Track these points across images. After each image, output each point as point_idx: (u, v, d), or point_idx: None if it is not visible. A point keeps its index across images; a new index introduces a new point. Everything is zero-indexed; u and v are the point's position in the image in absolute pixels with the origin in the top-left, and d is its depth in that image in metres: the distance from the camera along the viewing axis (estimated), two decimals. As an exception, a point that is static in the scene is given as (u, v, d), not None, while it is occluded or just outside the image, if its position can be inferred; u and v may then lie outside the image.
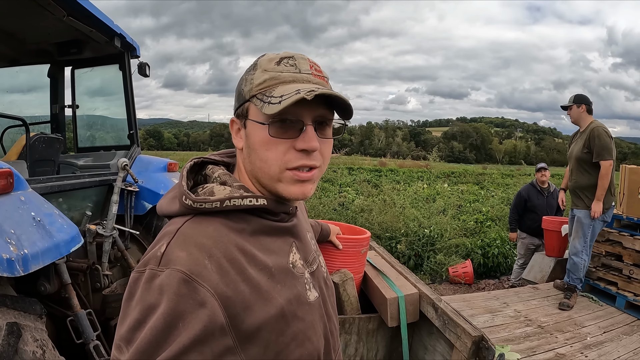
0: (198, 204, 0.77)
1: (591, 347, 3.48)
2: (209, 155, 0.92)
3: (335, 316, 0.99)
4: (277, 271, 0.80)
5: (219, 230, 0.76)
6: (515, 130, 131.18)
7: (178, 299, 0.64)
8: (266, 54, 0.84)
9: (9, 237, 1.66)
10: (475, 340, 1.78)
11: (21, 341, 1.64)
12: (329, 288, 0.99)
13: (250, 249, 0.77)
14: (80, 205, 3.01)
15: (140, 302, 0.66)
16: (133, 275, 0.71)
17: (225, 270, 0.71)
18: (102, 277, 2.69)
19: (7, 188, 1.85)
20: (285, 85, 0.77)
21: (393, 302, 2.13)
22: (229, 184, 0.83)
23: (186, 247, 0.71)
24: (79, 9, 2.78)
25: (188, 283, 0.66)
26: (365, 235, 2.26)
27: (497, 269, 6.85)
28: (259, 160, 0.80)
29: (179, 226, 0.76)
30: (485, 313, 4.12)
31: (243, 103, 0.82)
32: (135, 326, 0.64)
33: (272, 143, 0.78)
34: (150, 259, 0.71)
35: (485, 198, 13.61)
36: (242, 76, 0.85)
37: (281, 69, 0.79)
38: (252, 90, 0.80)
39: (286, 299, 0.78)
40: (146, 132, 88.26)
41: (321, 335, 0.86)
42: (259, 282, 0.75)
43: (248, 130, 0.82)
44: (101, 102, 4.14)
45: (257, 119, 0.79)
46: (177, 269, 0.67)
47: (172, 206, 0.81)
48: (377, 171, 23.88)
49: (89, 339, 2.21)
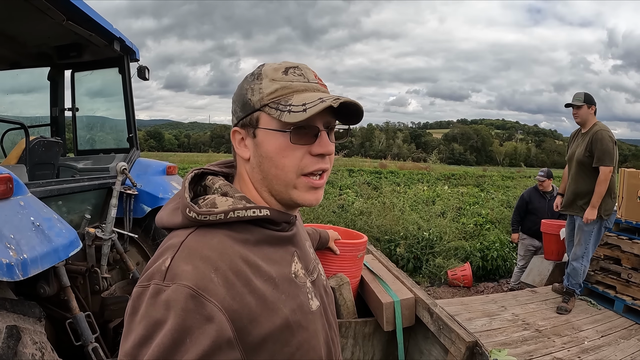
0: (202, 216, 0.77)
1: (588, 351, 3.47)
2: (207, 166, 0.92)
3: (335, 324, 0.99)
4: (281, 281, 0.80)
5: (223, 242, 0.76)
6: (515, 132, 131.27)
7: (185, 314, 0.64)
8: (266, 64, 0.84)
9: (9, 242, 1.68)
10: (469, 345, 1.80)
11: (20, 344, 1.66)
12: (328, 296, 1.00)
13: (254, 260, 0.77)
14: (80, 209, 3.03)
15: (146, 318, 0.65)
16: (136, 289, 0.70)
17: (232, 282, 0.71)
18: (101, 279, 2.71)
19: (6, 193, 1.87)
20: (301, 94, 0.79)
21: (389, 306, 2.15)
22: (230, 194, 0.83)
23: (192, 261, 0.70)
24: (79, 13, 2.80)
25: (195, 298, 0.65)
26: (362, 240, 2.28)
27: (496, 272, 6.85)
28: (274, 168, 0.81)
29: (183, 239, 0.75)
30: (483, 317, 4.12)
31: (251, 113, 0.82)
32: (141, 342, 0.63)
33: (290, 149, 0.79)
34: (154, 274, 0.70)
35: (485, 200, 13.61)
36: (242, 86, 0.85)
37: (290, 78, 0.81)
38: (263, 99, 0.80)
39: (290, 309, 0.78)
40: (147, 133, 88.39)
41: (324, 344, 0.87)
42: (264, 293, 0.75)
43: (259, 139, 0.82)
44: (101, 104, 4.16)
45: (272, 127, 0.80)
46: (183, 284, 0.66)
47: (174, 218, 0.81)
48: (377, 173, 23.87)
49: (88, 341, 2.23)
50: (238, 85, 0.87)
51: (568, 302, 4.34)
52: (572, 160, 4.28)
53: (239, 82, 0.87)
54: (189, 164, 24.97)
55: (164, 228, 0.84)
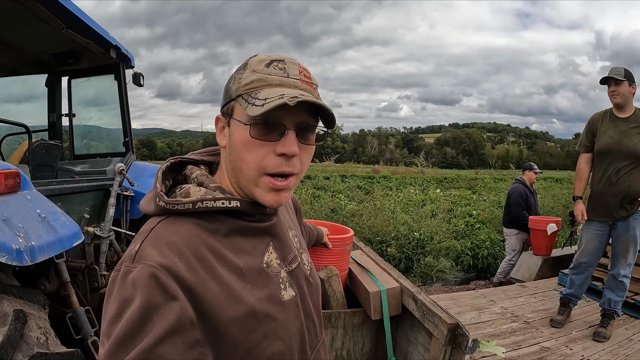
0: (171, 205, 0.79)
1: (576, 341, 3.56)
2: (189, 154, 0.94)
3: (316, 313, 0.99)
4: (249, 271, 0.82)
5: (190, 230, 0.78)
6: (507, 135, 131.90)
7: (150, 291, 0.66)
8: (258, 55, 0.84)
9: (18, 230, 1.78)
10: (450, 327, 1.88)
11: (26, 327, 1.75)
12: (312, 286, 1.01)
13: (220, 250, 0.79)
14: (79, 209, 3.11)
15: (117, 298, 0.68)
16: (112, 274, 0.74)
17: (194, 268, 0.73)
18: (99, 277, 2.79)
19: (15, 187, 1.97)
20: (271, 89, 0.78)
21: (375, 295, 2.23)
22: (205, 185, 0.84)
23: (157, 246, 0.73)
24: (77, 21, 2.88)
25: (157, 277, 0.68)
26: (349, 235, 2.38)
27: (487, 270, 6.96)
28: (238, 161, 0.81)
29: (153, 226, 0.78)
30: (472, 310, 4.23)
31: (229, 101, 0.82)
32: (113, 320, 0.66)
33: (253, 145, 0.78)
34: (125, 258, 0.74)
35: (477, 202, 13.74)
36: (232, 74, 0.85)
37: (269, 71, 0.80)
38: (239, 89, 0.80)
39: (257, 298, 0.80)
40: (139, 142, 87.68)
41: (296, 333, 0.88)
42: (228, 281, 0.77)
43: (231, 129, 0.82)
44: (97, 111, 4.23)
45: (240, 118, 0.79)
46: (147, 263, 0.69)
47: (149, 206, 0.84)
48: (370, 178, 23.95)
49: (87, 335, 2.31)
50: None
51: (607, 326, 3.66)
52: (610, 153, 3.46)
53: None
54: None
55: (144, 214, 0.86)
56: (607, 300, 3.67)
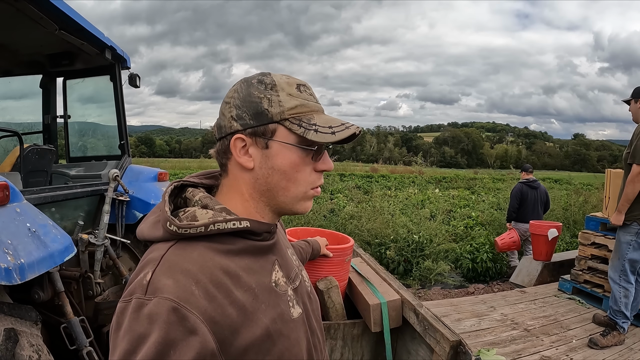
0: (183, 229, 0.76)
1: (577, 350, 3.54)
2: (187, 177, 0.92)
3: (319, 330, 0.99)
4: (260, 291, 0.80)
5: (203, 255, 0.76)
6: (506, 134, 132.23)
7: (168, 327, 0.64)
8: (274, 75, 0.84)
9: (6, 247, 1.72)
10: (453, 344, 1.84)
11: (18, 346, 1.70)
12: (312, 302, 1.00)
13: (235, 270, 0.77)
14: (73, 215, 3.06)
15: (129, 332, 0.65)
16: (119, 305, 0.70)
17: (213, 295, 0.71)
18: (94, 285, 2.74)
19: (3, 200, 1.91)
20: (320, 116, 0.83)
21: (376, 308, 2.19)
22: (210, 207, 0.82)
23: (172, 275, 0.70)
24: (71, 22, 2.83)
25: (178, 311, 0.65)
26: (349, 245, 2.32)
27: (486, 274, 6.91)
28: (285, 181, 0.83)
29: (163, 253, 0.75)
30: (472, 317, 4.20)
31: (267, 123, 0.81)
32: (126, 357, 0.63)
33: (303, 165, 0.83)
34: (136, 288, 0.70)
35: (476, 203, 13.70)
36: (251, 93, 0.82)
37: (305, 97, 0.83)
38: (284, 113, 0.80)
39: (271, 318, 0.79)
40: (138, 139, 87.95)
41: (305, 351, 0.86)
42: (244, 303, 0.75)
43: (274, 152, 0.82)
44: (93, 111, 4.19)
45: (290, 141, 0.81)
46: (165, 297, 0.66)
47: (155, 232, 0.80)
48: (368, 177, 23.95)
49: (82, 345, 2.26)
50: (236, 88, 0.84)
51: (605, 336, 3.67)
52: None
53: (235, 86, 0.85)
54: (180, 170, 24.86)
55: (145, 241, 0.83)
56: (608, 307, 3.79)
